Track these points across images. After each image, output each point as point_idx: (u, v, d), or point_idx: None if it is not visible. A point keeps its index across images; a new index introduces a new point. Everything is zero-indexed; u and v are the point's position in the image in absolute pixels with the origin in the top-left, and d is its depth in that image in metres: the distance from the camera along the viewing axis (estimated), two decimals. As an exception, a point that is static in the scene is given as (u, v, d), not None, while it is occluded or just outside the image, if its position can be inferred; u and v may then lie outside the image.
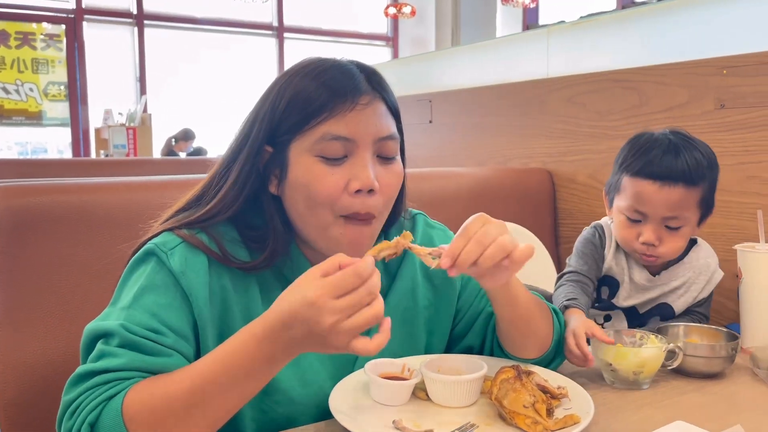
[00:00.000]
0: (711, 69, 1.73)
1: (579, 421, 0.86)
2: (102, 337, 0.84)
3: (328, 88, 0.91)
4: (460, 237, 0.87)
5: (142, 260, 0.92)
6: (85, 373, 0.81)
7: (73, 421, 0.78)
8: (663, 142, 1.29)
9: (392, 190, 0.96)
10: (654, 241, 1.28)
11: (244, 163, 0.94)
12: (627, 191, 1.31)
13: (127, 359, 0.81)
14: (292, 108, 0.91)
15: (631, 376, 1.06)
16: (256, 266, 0.93)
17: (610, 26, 2.14)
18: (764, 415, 0.96)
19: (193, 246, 0.91)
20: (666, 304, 1.38)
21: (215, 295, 0.92)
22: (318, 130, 0.90)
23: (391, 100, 0.97)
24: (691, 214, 1.29)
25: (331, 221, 0.92)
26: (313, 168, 0.91)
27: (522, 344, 1.04)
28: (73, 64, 7.72)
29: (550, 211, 2.19)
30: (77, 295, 1.25)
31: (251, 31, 8.81)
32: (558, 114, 2.18)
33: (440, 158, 2.67)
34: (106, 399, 0.78)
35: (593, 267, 1.38)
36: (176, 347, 0.86)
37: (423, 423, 0.89)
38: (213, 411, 0.78)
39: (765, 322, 1.26)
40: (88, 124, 7.78)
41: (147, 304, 0.86)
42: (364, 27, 9.50)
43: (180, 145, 7.11)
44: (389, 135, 0.94)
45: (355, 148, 0.91)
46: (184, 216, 0.96)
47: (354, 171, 0.91)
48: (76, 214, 1.26)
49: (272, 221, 0.95)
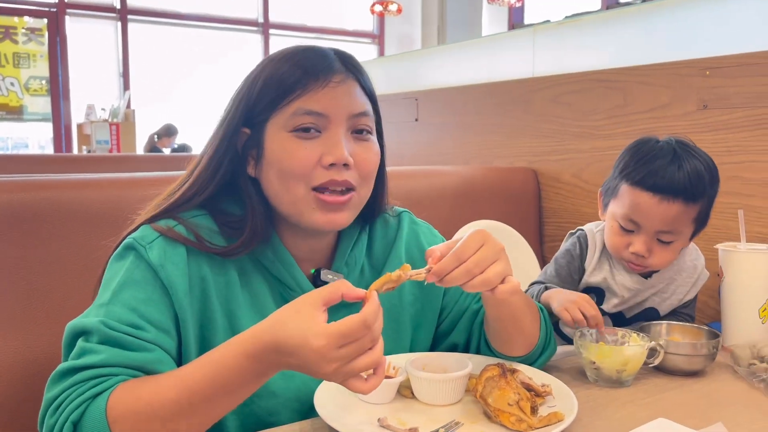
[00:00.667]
0: (694, 70, 1.75)
1: (563, 419, 0.87)
2: (82, 334, 0.84)
3: (302, 67, 0.92)
4: (453, 258, 0.86)
5: (120, 255, 0.92)
6: (67, 369, 0.81)
7: (56, 419, 0.77)
8: (667, 153, 1.24)
9: (369, 166, 0.96)
10: (644, 253, 1.26)
11: (220, 143, 0.95)
12: (624, 199, 1.27)
13: (107, 355, 0.81)
14: (268, 88, 0.93)
15: (614, 374, 1.07)
16: (234, 250, 0.93)
17: (595, 26, 2.15)
18: (744, 411, 0.98)
19: (171, 239, 0.91)
20: (653, 308, 1.38)
21: (195, 286, 0.92)
22: (291, 107, 0.92)
23: (365, 81, 0.98)
24: (686, 229, 1.27)
25: (303, 194, 0.92)
26: (286, 144, 0.92)
27: (510, 342, 1.05)
28: (55, 59, 7.63)
29: (534, 210, 2.21)
30: (58, 293, 1.23)
31: (236, 27, 8.76)
32: (543, 113, 2.19)
33: (426, 156, 2.67)
34: (90, 397, 0.78)
35: (566, 280, 1.37)
36: (157, 341, 0.85)
37: (408, 421, 0.89)
38: (198, 419, 0.79)
39: (745, 321, 1.28)
40: (70, 119, 7.70)
41: (126, 299, 0.86)
42: (350, 24, 9.49)
43: (163, 141, 7.05)
44: (363, 111, 0.95)
45: (328, 123, 0.92)
46: (161, 203, 0.96)
47: (327, 146, 0.92)
48: (58, 211, 1.25)
49: (251, 202, 0.95)
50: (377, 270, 1.08)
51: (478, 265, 0.85)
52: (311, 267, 1.01)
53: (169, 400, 0.77)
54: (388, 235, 1.11)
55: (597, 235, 1.38)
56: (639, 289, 1.35)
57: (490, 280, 0.86)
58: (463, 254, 0.85)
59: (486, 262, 0.86)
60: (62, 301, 1.23)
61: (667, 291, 1.37)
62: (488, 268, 0.86)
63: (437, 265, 0.86)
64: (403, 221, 1.13)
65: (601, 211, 1.39)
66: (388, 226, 1.12)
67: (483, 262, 0.86)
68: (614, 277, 1.35)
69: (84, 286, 1.24)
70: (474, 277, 0.85)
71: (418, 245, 1.12)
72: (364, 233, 1.07)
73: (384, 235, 1.11)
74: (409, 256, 1.11)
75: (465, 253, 0.85)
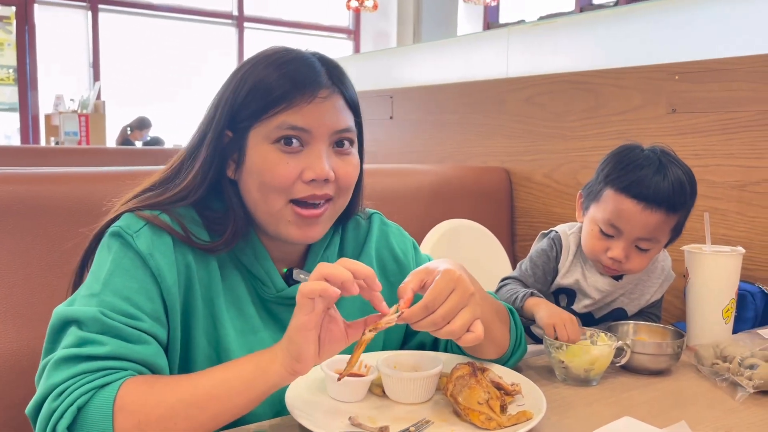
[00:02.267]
0: (664, 74, 1.78)
1: (531, 417, 0.88)
2: (74, 323, 0.83)
3: (290, 80, 0.92)
4: (422, 308, 0.85)
5: (106, 244, 0.92)
6: (70, 357, 0.80)
7: (60, 403, 0.77)
8: (653, 162, 1.26)
9: (348, 180, 0.98)
10: (622, 259, 1.28)
11: (208, 148, 0.95)
12: (608, 205, 1.28)
13: (112, 347, 0.81)
14: (253, 95, 0.93)
15: (582, 373, 1.09)
16: (217, 247, 0.95)
17: (569, 28, 2.18)
18: (707, 410, 1.00)
19: (157, 227, 0.92)
20: (620, 308, 1.41)
21: (181, 274, 0.93)
22: (276, 119, 0.92)
23: (350, 94, 0.99)
24: (663, 237, 1.29)
25: (281, 207, 0.93)
26: (268, 155, 0.92)
27: (482, 349, 1.06)
28: (23, 48, 7.44)
29: (507, 209, 2.23)
30: (26, 288, 1.21)
31: (210, 20, 8.65)
32: (517, 114, 2.21)
33: (401, 155, 2.68)
34: (99, 386, 0.78)
35: (540, 280, 1.38)
36: (152, 332, 0.87)
37: (379, 419, 0.89)
38: (204, 424, 0.81)
39: (709, 321, 1.30)
40: (38, 109, 7.53)
41: (119, 288, 0.86)
42: (326, 19, 9.43)
43: (135, 134, 6.94)
44: (345, 128, 0.96)
45: (311, 138, 0.93)
46: (148, 197, 0.96)
47: (309, 161, 0.93)
48: (26, 206, 1.22)
49: (231, 204, 0.96)
50: None
51: (444, 317, 0.85)
52: (284, 266, 1.02)
53: (180, 402, 0.80)
54: (359, 236, 1.12)
55: (571, 237, 1.40)
56: (610, 290, 1.37)
57: (455, 331, 0.86)
58: (433, 304, 0.85)
59: (453, 311, 0.86)
60: (29, 297, 1.21)
61: (635, 292, 1.40)
62: (456, 317, 0.86)
63: (406, 313, 0.86)
64: (374, 223, 1.14)
65: (579, 213, 1.40)
66: (359, 227, 1.13)
67: (450, 313, 0.86)
68: (586, 279, 1.37)
69: (52, 281, 1.22)
70: (440, 328, 0.86)
71: (388, 246, 1.13)
72: (336, 235, 1.09)
73: (355, 237, 1.12)
74: (379, 257, 1.12)
75: (434, 303, 0.85)
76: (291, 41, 1.05)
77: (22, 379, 1.15)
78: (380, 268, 1.12)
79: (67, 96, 6.84)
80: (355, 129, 0.99)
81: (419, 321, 0.86)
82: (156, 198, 0.95)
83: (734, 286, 1.31)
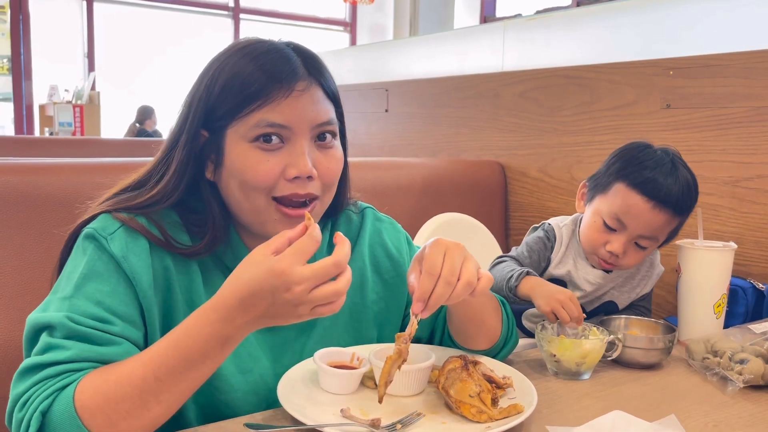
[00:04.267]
0: (658, 69, 1.78)
1: (522, 411, 0.88)
2: (45, 329, 0.82)
3: (264, 73, 0.88)
4: (427, 277, 0.86)
5: (80, 246, 0.90)
6: (33, 365, 0.80)
7: (24, 412, 0.77)
8: (666, 163, 1.27)
9: (332, 175, 0.95)
10: (619, 254, 1.29)
11: (182, 149, 0.92)
12: (616, 198, 1.28)
13: (75, 351, 0.80)
14: (227, 93, 0.89)
15: (574, 366, 1.09)
16: (197, 252, 0.92)
17: (565, 23, 2.18)
18: (697, 404, 1.01)
19: (132, 229, 0.89)
20: (611, 301, 1.42)
21: (158, 277, 0.91)
22: (253, 117, 0.88)
23: (328, 85, 0.95)
24: (662, 237, 1.31)
25: (265, 205, 0.91)
26: (248, 155, 0.89)
27: (474, 338, 1.06)
28: (17, 37, 7.40)
29: (501, 203, 2.23)
30: (17, 280, 1.21)
31: (207, 11, 8.62)
32: (511, 108, 2.21)
33: (396, 147, 2.68)
34: (58, 389, 0.78)
35: (535, 264, 1.39)
36: (125, 334, 0.85)
37: (371, 412, 0.89)
38: (167, 396, 0.78)
39: (701, 316, 1.31)
40: (32, 99, 7.49)
41: (90, 292, 0.85)
42: (322, 11, 9.40)
43: (148, 123, 6.90)
44: (326, 121, 0.93)
45: (291, 134, 0.90)
46: (124, 199, 0.93)
47: (291, 158, 0.90)
48: (18, 196, 1.22)
49: (210, 207, 0.94)
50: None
51: (452, 272, 0.86)
52: None
53: (136, 377, 0.77)
54: (351, 232, 1.10)
55: (563, 229, 1.41)
56: (601, 283, 1.38)
57: (471, 281, 0.86)
58: (434, 268, 0.86)
59: (457, 266, 0.87)
60: (19, 288, 1.21)
61: (625, 285, 1.41)
62: (462, 270, 0.87)
63: (417, 292, 0.86)
64: (366, 218, 1.12)
65: (581, 203, 1.39)
66: (351, 222, 1.11)
67: (455, 268, 0.86)
68: (578, 270, 1.38)
69: (43, 274, 1.22)
70: (454, 287, 0.86)
71: (382, 243, 1.12)
72: (326, 231, 1.06)
73: (347, 232, 1.09)
74: (372, 255, 1.10)
75: (435, 267, 0.86)
76: (288, 33, 1.03)
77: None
78: (373, 265, 1.10)
79: (61, 86, 6.81)
80: (336, 121, 0.96)
81: (434, 291, 0.85)
82: (132, 201, 0.92)
83: (726, 282, 1.31)
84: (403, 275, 1.11)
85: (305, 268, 0.74)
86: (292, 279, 0.74)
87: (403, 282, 1.11)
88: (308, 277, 0.74)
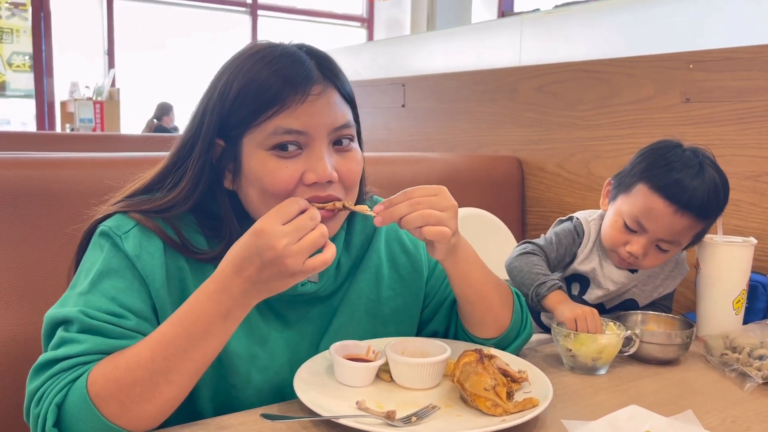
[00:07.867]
0: (678, 63, 1.76)
1: (537, 404, 0.88)
2: (62, 324, 0.84)
3: (279, 78, 0.87)
4: (404, 193, 0.90)
5: (97, 243, 0.91)
6: (48, 361, 0.81)
7: (40, 407, 0.79)
8: (693, 165, 1.22)
9: (353, 177, 0.94)
10: (639, 255, 1.26)
11: (198, 159, 0.91)
12: (637, 200, 1.24)
13: (89, 344, 0.81)
14: (242, 100, 0.88)
15: (590, 361, 1.09)
16: (213, 258, 0.91)
17: (583, 17, 2.16)
18: (714, 400, 1.00)
19: (147, 229, 0.90)
20: (632, 299, 1.39)
21: (172, 277, 0.91)
22: (270, 124, 0.87)
23: (344, 87, 0.94)
24: (685, 241, 1.27)
25: None
26: (266, 162, 0.88)
27: (482, 323, 1.06)
28: (38, 35, 7.48)
29: (518, 199, 2.22)
30: (38, 272, 1.23)
31: (225, 8, 8.65)
32: (529, 102, 2.20)
33: (413, 143, 2.68)
34: (71, 381, 0.79)
35: (560, 257, 1.35)
36: (139, 329, 0.86)
37: (386, 404, 0.90)
38: (176, 377, 0.80)
39: (720, 312, 1.30)
40: (54, 96, 7.58)
41: (105, 288, 0.86)
42: (340, 7, 9.40)
43: (165, 120, 6.95)
44: (344, 124, 0.92)
45: (309, 140, 0.89)
46: (138, 201, 0.94)
47: (310, 163, 0.89)
48: (39, 190, 1.24)
49: (228, 217, 0.93)
50: (355, 264, 1.08)
51: (421, 203, 0.89)
52: None
53: (144, 359, 0.79)
54: (367, 227, 1.09)
55: (591, 224, 1.36)
56: (625, 283, 1.35)
57: (426, 217, 0.89)
58: (414, 193, 0.90)
59: (429, 204, 0.89)
60: (41, 281, 1.23)
61: (648, 284, 1.39)
62: (429, 208, 0.89)
63: (388, 198, 0.90)
64: None
65: (605, 201, 1.36)
66: (368, 218, 1.11)
67: (425, 203, 0.89)
68: (603, 269, 1.34)
69: (63, 266, 1.23)
70: (413, 212, 0.89)
71: (398, 239, 1.11)
72: (342, 227, 1.05)
73: (363, 228, 1.09)
74: (389, 251, 1.10)
75: (416, 193, 0.90)
76: (305, 29, 1.03)
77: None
78: (390, 261, 1.10)
79: (82, 83, 6.88)
80: (354, 124, 0.95)
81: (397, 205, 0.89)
82: (144, 205, 0.92)
83: (745, 277, 1.30)
84: (420, 271, 1.11)
85: (286, 226, 0.78)
86: (273, 235, 0.77)
87: (420, 276, 1.11)
88: (289, 232, 0.77)
